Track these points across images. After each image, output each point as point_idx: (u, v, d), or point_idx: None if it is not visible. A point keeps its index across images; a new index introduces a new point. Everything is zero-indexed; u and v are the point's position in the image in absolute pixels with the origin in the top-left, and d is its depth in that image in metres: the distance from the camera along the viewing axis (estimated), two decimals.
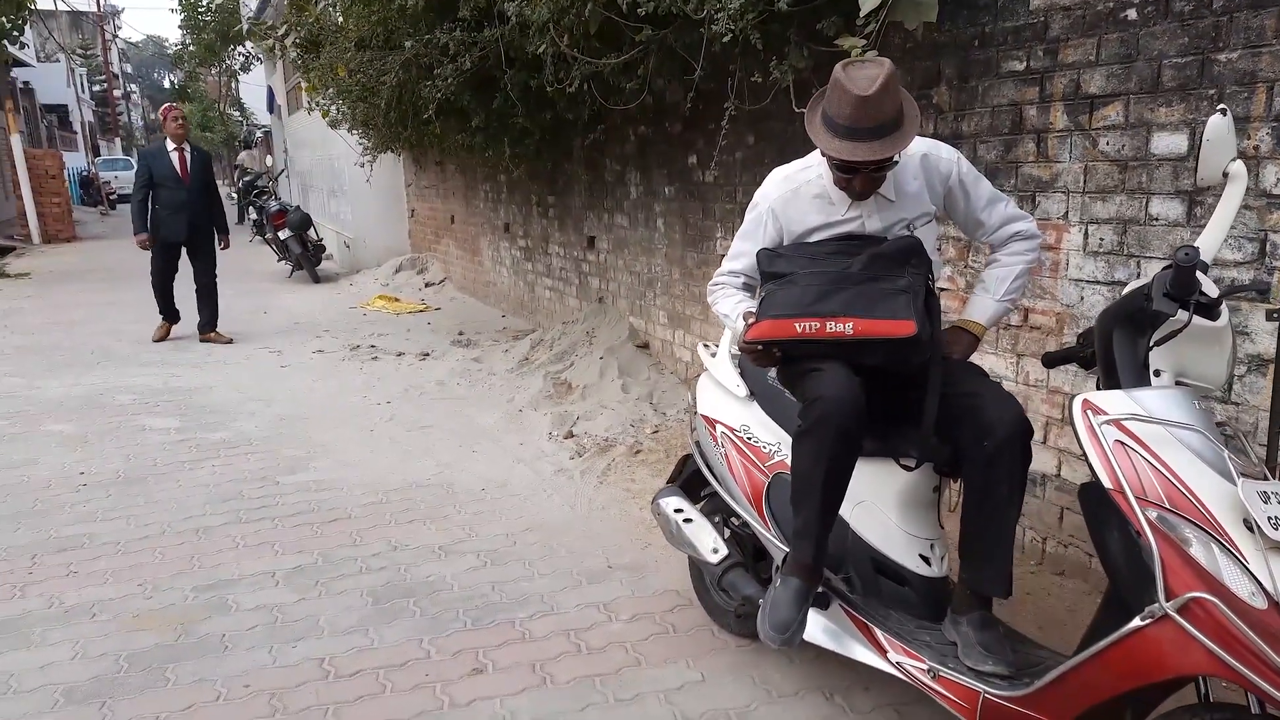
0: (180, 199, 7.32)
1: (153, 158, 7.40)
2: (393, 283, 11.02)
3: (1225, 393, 2.56)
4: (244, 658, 2.77)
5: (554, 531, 3.66)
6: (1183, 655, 1.65)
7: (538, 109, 5.13)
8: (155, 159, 7.35)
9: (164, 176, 7.27)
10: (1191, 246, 1.72)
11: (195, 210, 7.40)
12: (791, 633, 2.14)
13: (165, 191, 7.30)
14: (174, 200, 7.31)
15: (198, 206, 7.42)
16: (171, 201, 7.32)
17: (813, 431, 2.04)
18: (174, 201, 7.31)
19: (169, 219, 7.34)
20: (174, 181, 7.29)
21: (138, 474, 4.43)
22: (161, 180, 7.28)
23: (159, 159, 7.33)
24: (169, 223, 7.35)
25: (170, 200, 7.32)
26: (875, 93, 1.97)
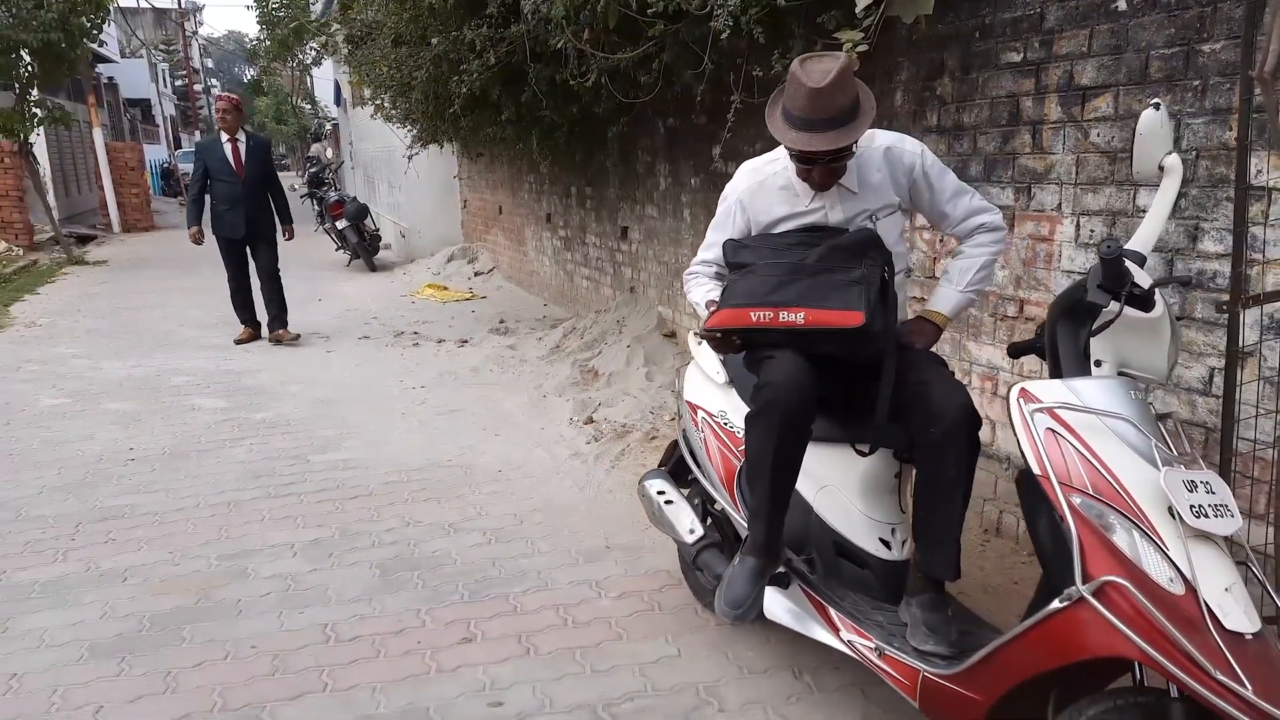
0: (236, 193, 6.95)
1: (206, 151, 7.09)
2: (444, 272, 11.30)
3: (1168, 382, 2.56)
4: (255, 622, 2.96)
5: (560, 512, 3.79)
6: (1097, 638, 1.69)
7: (565, 102, 5.26)
8: (208, 152, 7.04)
9: (218, 170, 6.93)
10: (1114, 239, 1.75)
11: (253, 204, 7.02)
12: (745, 609, 2.22)
13: (220, 185, 6.95)
14: (230, 194, 6.96)
15: (255, 199, 7.04)
16: (227, 195, 6.96)
17: (761, 415, 2.12)
18: (230, 195, 6.96)
19: (226, 214, 7.00)
20: (228, 174, 6.93)
21: (182, 450, 4.70)
22: (216, 174, 6.94)
23: (212, 151, 7.00)
24: (226, 219, 7.01)
25: (226, 194, 6.96)
26: (828, 85, 2.04)
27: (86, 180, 20.57)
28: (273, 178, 7.23)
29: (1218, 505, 1.73)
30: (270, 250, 7.24)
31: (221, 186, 6.96)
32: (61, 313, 9.23)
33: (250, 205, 7.02)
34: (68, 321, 8.71)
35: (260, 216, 7.13)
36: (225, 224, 7.03)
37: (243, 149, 7.01)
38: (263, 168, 7.10)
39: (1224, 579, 1.69)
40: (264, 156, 7.16)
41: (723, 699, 2.50)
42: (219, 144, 7.01)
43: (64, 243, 14.18)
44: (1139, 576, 1.69)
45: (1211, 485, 1.76)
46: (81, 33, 12.79)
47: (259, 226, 7.14)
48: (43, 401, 5.72)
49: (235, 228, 7.03)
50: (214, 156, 6.97)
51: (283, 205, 7.39)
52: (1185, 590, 1.67)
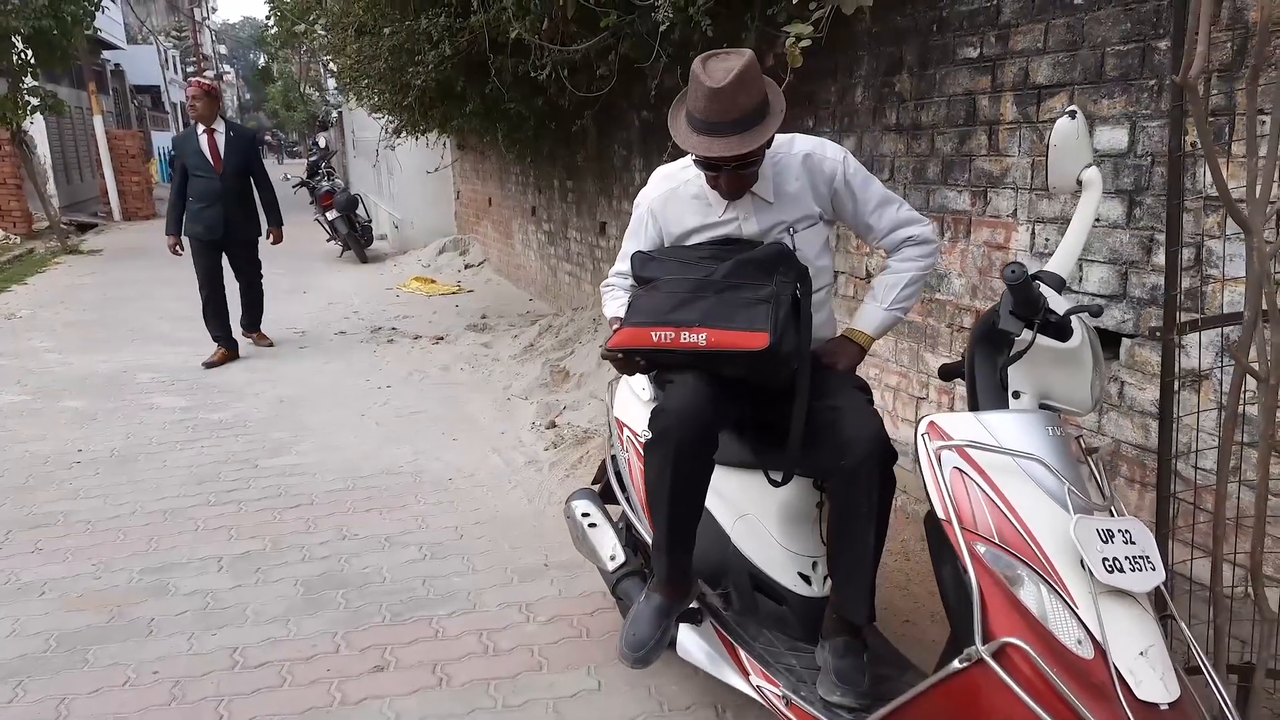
0: (214, 189, 6.16)
1: (182, 144, 6.28)
2: (435, 264, 11.16)
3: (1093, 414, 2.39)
4: (163, 644, 2.83)
5: (504, 525, 3.65)
6: (996, 703, 1.53)
7: (530, 94, 5.09)
8: (184, 145, 6.24)
9: (194, 164, 6.18)
10: (1018, 263, 1.58)
11: (232, 201, 6.25)
12: (646, 651, 2.07)
13: (197, 181, 6.19)
14: (206, 190, 6.17)
15: (235, 197, 6.27)
16: (204, 192, 6.18)
17: (656, 445, 1.96)
18: (206, 192, 6.17)
19: (202, 213, 6.21)
20: (204, 168, 6.16)
21: (131, 453, 4.59)
22: (192, 168, 6.19)
23: (188, 144, 6.22)
24: (202, 217, 6.22)
25: (202, 190, 6.18)
26: (728, 85, 1.87)
27: (88, 168, 20.52)
28: (259, 173, 6.47)
29: (1137, 557, 1.57)
30: (250, 256, 6.58)
31: (198, 182, 6.21)
32: (45, 304, 9.16)
33: (229, 203, 6.24)
34: (49, 313, 8.63)
35: (240, 217, 6.37)
36: (200, 223, 6.26)
37: (221, 140, 6.23)
38: (245, 161, 6.34)
39: (1140, 641, 1.52)
40: (247, 149, 6.40)
41: None
42: (195, 135, 6.23)
43: (59, 231, 14.12)
44: (1044, 637, 1.53)
45: (1132, 534, 1.59)
46: (74, 20, 12.68)
47: (238, 228, 6.38)
48: (3, 398, 5.62)
49: (212, 228, 6.25)
50: (190, 149, 6.21)
51: (272, 204, 6.60)
52: (1095, 653, 1.51)
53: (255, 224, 6.55)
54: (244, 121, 61.66)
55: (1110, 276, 2.52)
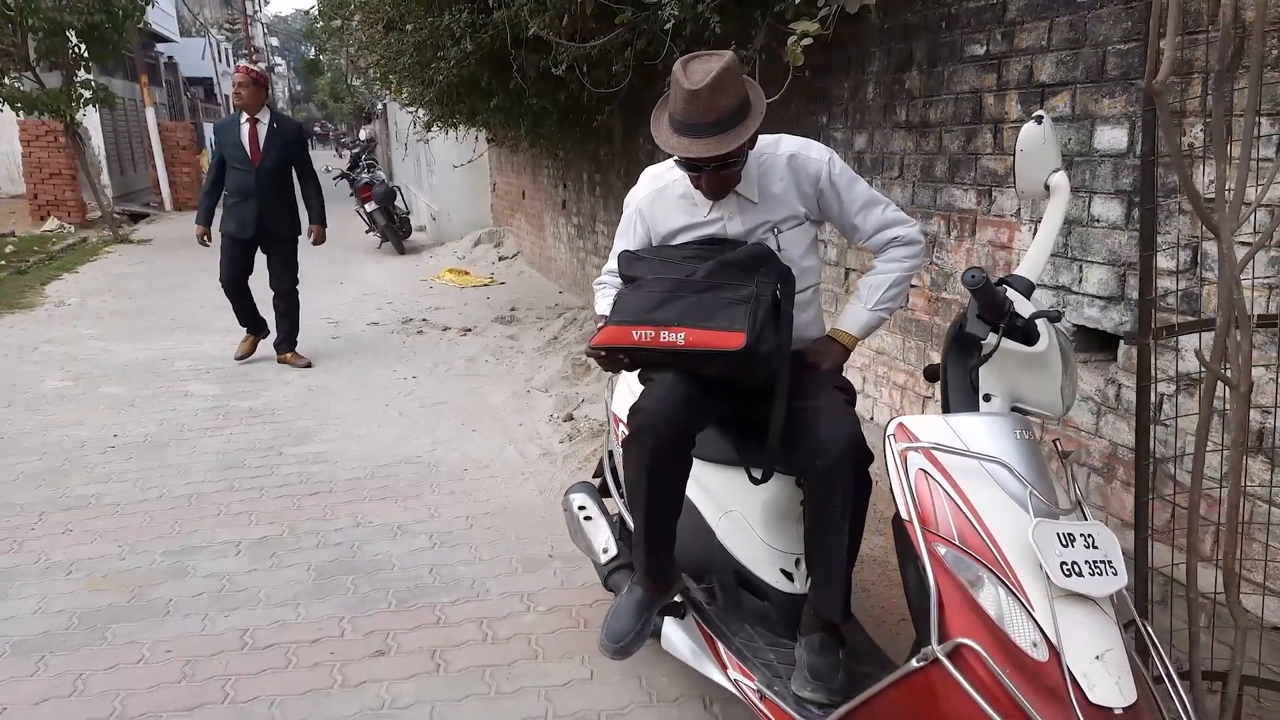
0: (249, 183, 5.73)
1: (222, 133, 5.84)
2: (469, 256, 11.29)
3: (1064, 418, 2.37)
4: (178, 624, 2.94)
5: (513, 516, 3.71)
6: (951, 703, 1.55)
7: (553, 89, 5.13)
8: (224, 134, 5.81)
9: (232, 155, 5.76)
10: (978, 268, 1.58)
11: (268, 198, 5.77)
12: (626, 643, 2.11)
13: (234, 173, 5.78)
14: (242, 184, 5.75)
15: (273, 193, 5.79)
16: (239, 186, 5.76)
17: (633, 442, 2.00)
18: (242, 186, 5.75)
19: (235, 209, 5.80)
20: (242, 160, 5.74)
21: (163, 439, 4.74)
22: (230, 159, 5.77)
23: (228, 133, 5.79)
24: (235, 213, 5.81)
25: (238, 184, 5.77)
26: (705, 87, 1.90)
27: (141, 159, 21.06)
28: (304, 168, 5.93)
29: (1098, 561, 1.57)
30: (287, 259, 6.02)
31: (235, 175, 5.79)
32: (93, 292, 9.46)
33: (265, 200, 5.77)
34: (96, 301, 8.91)
35: (277, 215, 5.86)
36: (233, 219, 5.84)
37: (262, 132, 5.76)
38: (287, 155, 5.85)
39: (1097, 645, 1.53)
40: (291, 143, 5.89)
41: None
42: (236, 125, 5.79)
43: (111, 221, 14.52)
44: (999, 639, 1.54)
45: (1095, 539, 1.60)
46: (125, 14, 13.02)
47: (274, 227, 5.87)
48: (47, 384, 5.83)
49: (244, 224, 5.81)
50: (229, 139, 5.78)
51: (316, 201, 6.06)
52: (1049, 656, 1.52)
53: (295, 223, 6.00)
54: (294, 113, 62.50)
55: (1109, 278, 2.49)
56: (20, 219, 15.42)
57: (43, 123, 14.25)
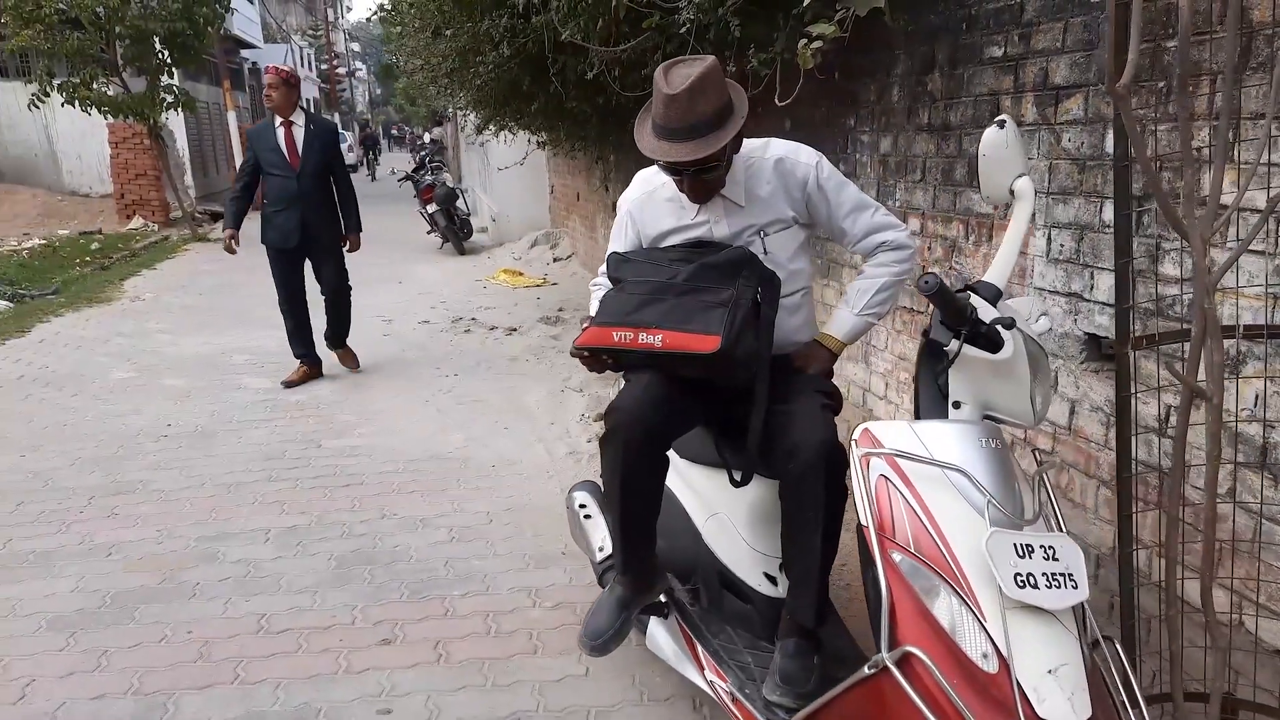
0: (290, 189, 5.41)
1: (256, 138, 5.53)
2: (526, 257, 11.44)
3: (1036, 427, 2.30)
4: (203, 607, 3.07)
5: (532, 513, 3.77)
6: (899, 712, 1.54)
7: (592, 93, 5.18)
8: (258, 139, 5.49)
9: (269, 161, 5.43)
10: (933, 274, 1.56)
11: (312, 205, 5.47)
12: (604, 640, 2.14)
13: (273, 180, 5.46)
14: (282, 191, 5.44)
15: (315, 199, 5.49)
16: (280, 193, 5.44)
17: (606, 441, 2.02)
18: (283, 193, 5.44)
19: (277, 217, 5.48)
20: (280, 166, 5.41)
21: (213, 429, 4.94)
22: (268, 165, 5.44)
23: (262, 139, 5.47)
24: (276, 222, 5.48)
25: (278, 191, 5.45)
26: (684, 91, 1.91)
27: (224, 161, 21.87)
28: (340, 171, 5.66)
29: (1056, 574, 1.54)
30: (336, 264, 5.74)
31: (274, 182, 5.47)
32: (167, 288, 9.88)
33: (309, 207, 5.48)
34: (169, 297, 9.30)
35: (322, 222, 5.58)
36: (275, 229, 5.51)
37: (299, 134, 5.46)
38: (326, 159, 5.56)
39: (1050, 659, 1.50)
40: (329, 145, 5.61)
41: None
42: (270, 129, 5.46)
43: (191, 220, 15.13)
44: (949, 649, 1.52)
45: (1055, 551, 1.56)
46: (206, 22, 13.56)
47: (319, 235, 5.59)
48: (114, 375, 6.13)
49: (287, 235, 5.49)
50: (264, 145, 5.46)
51: (350, 206, 5.72)
52: (999, 668, 1.49)
53: (338, 227, 5.73)
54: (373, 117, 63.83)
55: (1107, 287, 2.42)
56: (108, 218, 16.20)
57: (129, 126, 14.91)
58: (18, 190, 17.43)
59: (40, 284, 9.88)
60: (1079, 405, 2.61)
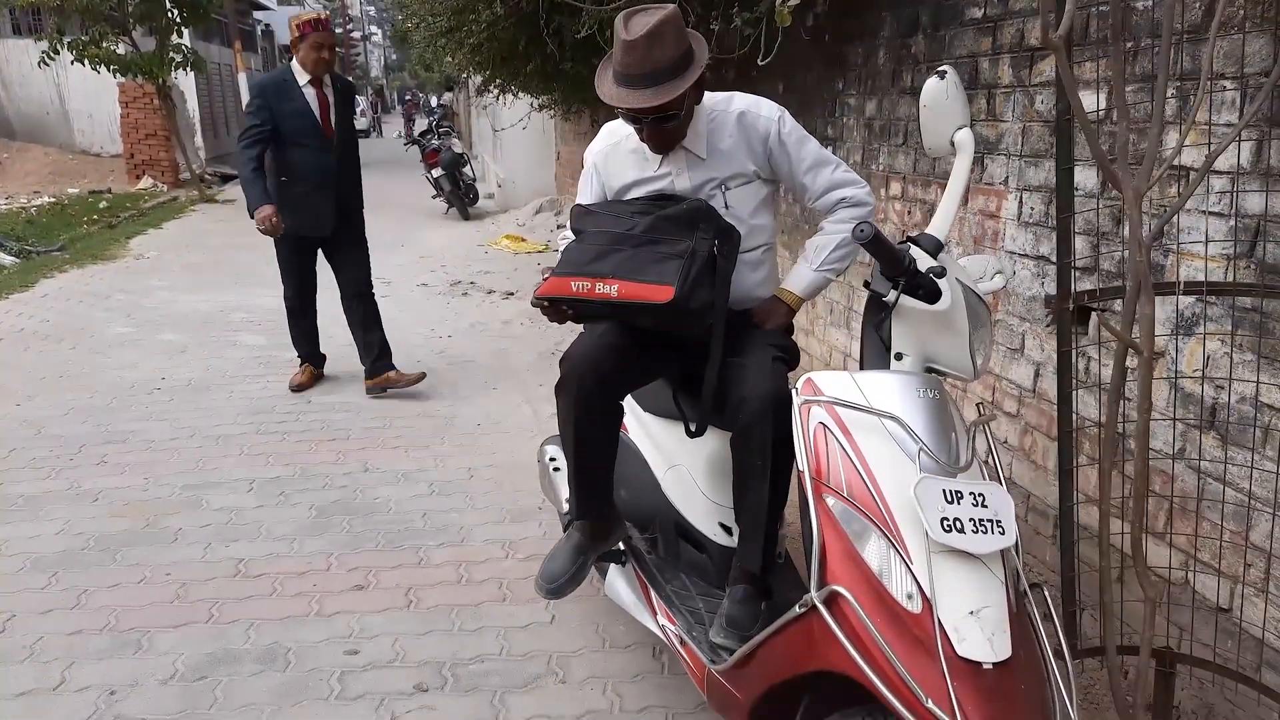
0: (326, 165, 4.37)
1: (275, 94, 4.32)
2: (530, 223, 11.43)
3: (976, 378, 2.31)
4: (183, 551, 3.14)
5: (512, 469, 3.81)
6: (825, 650, 1.58)
7: (591, 54, 5.16)
8: (279, 96, 4.31)
9: (295, 129, 4.31)
10: (868, 223, 1.58)
11: (346, 182, 4.50)
12: (559, 584, 2.18)
13: (300, 154, 4.34)
14: (315, 167, 4.35)
15: (350, 176, 4.54)
16: (311, 169, 4.34)
17: (560, 388, 2.05)
18: (315, 170, 4.35)
19: (308, 198, 4.37)
20: (311, 136, 4.33)
21: (205, 383, 5.01)
22: (292, 134, 4.31)
23: (285, 97, 4.30)
24: (307, 204, 4.38)
25: (309, 167, 4.34)
26: (642, 38, 1.92)
27: (235, 123, 21.87)
28: (352, 137, 4.69)
29: (983, 520, 1.56)
30: (362, 256, 4.73)
31: (301, 155, 4.34)
32: (171, 247, 9.94)
33: (344, 186, 4.50)
34: (172, 255, 9.37)
35: (355, 204, 4.64)
36: (305, 213, 4.40)
37: (331, 98, 4.42)
38: (351, 124, 4.68)
39: (973, 601, 1.52)
40: (351, 106, 4.73)
41: (569, 671, 2.48)
42: (295, 88, 4.34)
43: (199, 182, 15.17)
44: (875, 589, 1.55)
45: (985, 498, 1.59)
46: None
47: (353, 221, 4.62)
48: (113, 329, 6.20)
49: (322, 220, 4.45)
50: (289, 107, 4.31)
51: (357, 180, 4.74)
52: (923, 609, 1.52)
53: (362, 212, 4.77)
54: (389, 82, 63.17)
55: (1082, 247, 2.43)
56: (118, 178, 16.25)
57: (140, 85, 14.91)
58: (29, 149, 17.50)
59: (47, 241, 9.95)
60: (1043, 368, 2.62)
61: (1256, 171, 1.88)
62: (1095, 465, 2.05)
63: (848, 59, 3.78)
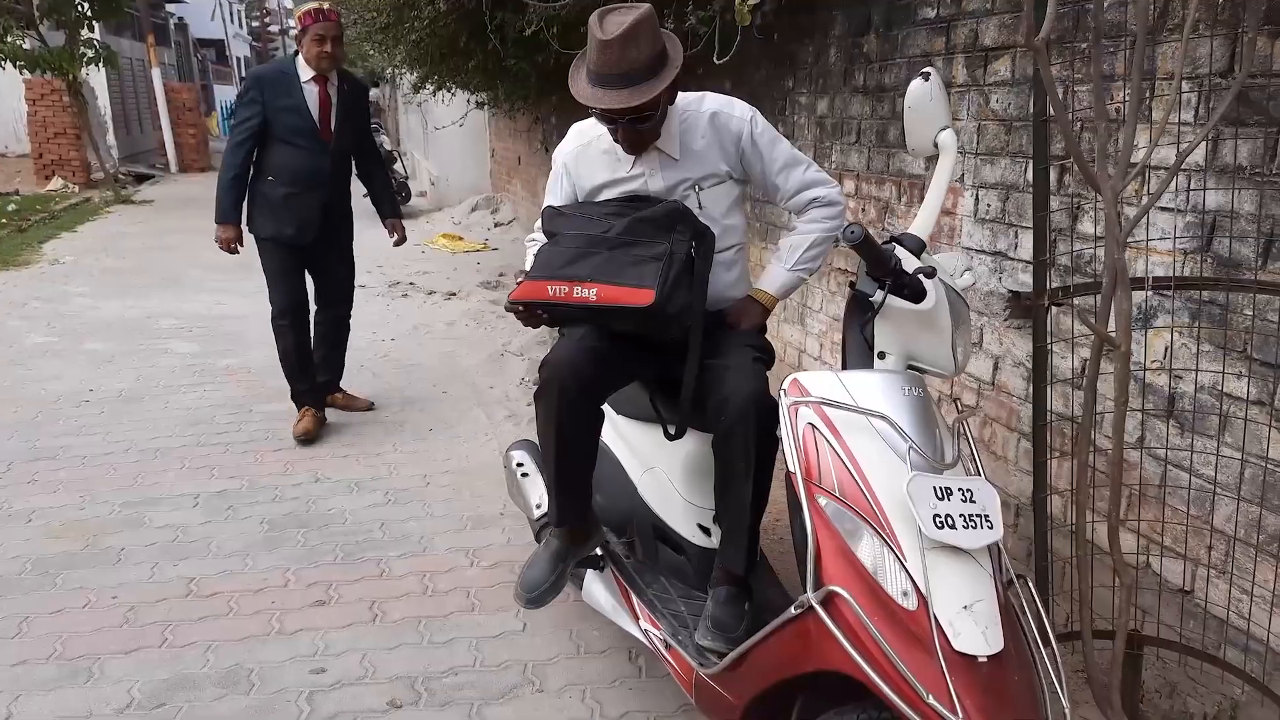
0: (319, 168, 3.97)
1: (273, 87, 3.92)
2: (466, 221, 11.28)
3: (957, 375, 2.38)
4: (128, 571, 3.00)
5: (470, 475, 3.75)
6: (823, 650, 1.58)
7: (533, 51, 5.11)
8: (276, 90, 3.91)
9: (290, 126, 3.92)
10: (858, 224, 1.59)
11: (338, 187, 4.09)
12: (540, 593, 2.15)
13: (291, 153, 3.94)
14: (307, 169, 3.96)
15: (342, 181, 4.14)
16: (303, 171, 3.95)
17: (541, 394, 2.02)
18: (307, 172, 3.95)
19: (293, 202, 3.96)
20: (306, 136, 3.94)
21: (137, 394, 4.80)
22: (287, 132, 3.92)
23: (283, 91, 3.91)
24: (292, 209, 3.97)
25: (301, 169, 3.95)
26: (618, 37, 1.90)
27: (148, 120, 21.06)
28: (370, 144, 4.39)
29: (973, 515, 1.59)
30: (349, 269, 4.45)
31: (293, 155, 3.95)
32: (88, 251, 9.52)
33: (335, 191, 4.08)
34: (90, 260, 8.97)
35: (344, 212, 4.23)
36: (287, 217, 3.99)
37: (334, 96, 3.99)
38: (359, 126, 4.22)
39: (966, 596, 1.55)
40: (363, 111, 4.29)
41: (545, 679, 2.45)
42: (294, 82, 3.92)
43: (113, 182, 14.57)
44: (871, 588, 1.56)
45: (973, 494, 1.61)
46: None
47: (340, 228, 4.24)
48: (31, 339, 5.91)
49: (306, 225, 4.01)
50: (285, 102, 3.91)
51: (386, 188, 4.53)
52: (918, 605, 1.54)
53: (352, 221, 4.35)
54: None
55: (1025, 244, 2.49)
56: (25, 178, 15.50)
57: (48, 81, 14.25)
58: None
59: None
60: (1002, 361, 2.68)
61: (1212, 169, 1.94)
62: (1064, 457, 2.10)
63: (798, 57, 3.81)
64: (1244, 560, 1.92)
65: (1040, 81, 1.67)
